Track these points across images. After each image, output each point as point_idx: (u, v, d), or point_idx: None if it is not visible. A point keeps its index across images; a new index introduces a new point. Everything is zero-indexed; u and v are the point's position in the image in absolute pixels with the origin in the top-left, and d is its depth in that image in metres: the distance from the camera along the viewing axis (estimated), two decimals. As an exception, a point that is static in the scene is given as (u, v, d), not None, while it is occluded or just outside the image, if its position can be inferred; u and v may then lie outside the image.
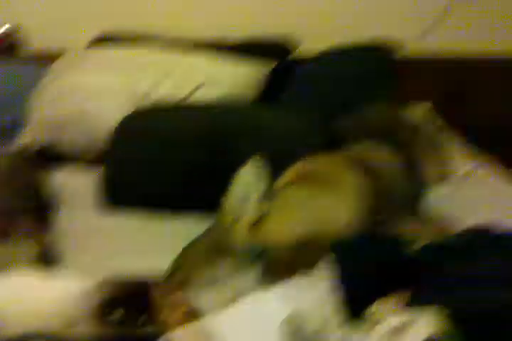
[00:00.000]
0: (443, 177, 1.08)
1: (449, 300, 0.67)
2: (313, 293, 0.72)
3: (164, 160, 1.18)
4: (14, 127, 1.49)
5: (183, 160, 1.17)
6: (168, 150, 1.18)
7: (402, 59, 1.59)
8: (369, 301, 0.71)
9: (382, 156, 1.04)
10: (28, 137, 1.45)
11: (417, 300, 0.69)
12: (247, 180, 0.87)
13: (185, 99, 1.42)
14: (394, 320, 0.65)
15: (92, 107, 1.41)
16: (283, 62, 1.61)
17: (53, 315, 0.69)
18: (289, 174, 0.98)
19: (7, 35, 1.72)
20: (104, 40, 1.70)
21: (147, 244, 1.02)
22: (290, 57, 1.66)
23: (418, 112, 1.12)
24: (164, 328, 0.68)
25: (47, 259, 0.93)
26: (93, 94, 1.43)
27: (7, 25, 1.73)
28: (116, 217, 1.15)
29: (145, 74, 1.46)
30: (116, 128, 1.25)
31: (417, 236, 0.91)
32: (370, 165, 1.00)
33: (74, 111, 1.41)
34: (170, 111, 1.28)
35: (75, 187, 1.24)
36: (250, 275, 0.84)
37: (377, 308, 0.70)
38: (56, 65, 1.57)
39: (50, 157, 1.39)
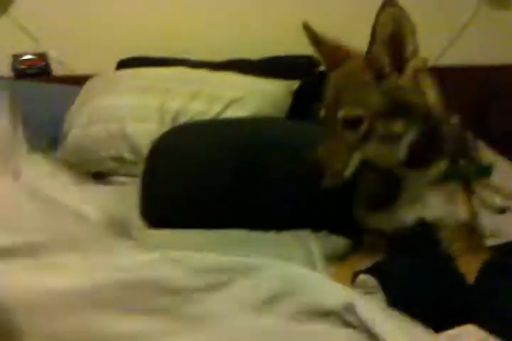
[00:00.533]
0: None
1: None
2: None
3: (199, 177, 1.15)
4: (49, 148, 1.52)
5: (218, 176, 1.14)
6: (203, 167, 1.16)
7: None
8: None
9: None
10: (62, 157, 1.47)
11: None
12: None
13: (217, 116, 1.45)
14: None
15: (127, 127, 1.44)
16: (309, 78, 1.64)
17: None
18: None
19: (40, 58, 1.78)
20: (130, 63, 1.75)
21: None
22: (316, 72, 1.69)
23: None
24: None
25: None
26: (126, 114, 1.46)
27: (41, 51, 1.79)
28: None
29: (176, 92, 1.49)
30: (151, 147, 1.26)
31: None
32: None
33: (111, 131, 1.44)
34: (204, 127, 1.29)
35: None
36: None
37: None
38: (87, 87, 1.61)
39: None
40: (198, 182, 1.11)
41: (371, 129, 0.82)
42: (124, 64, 1.77)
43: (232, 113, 1.46)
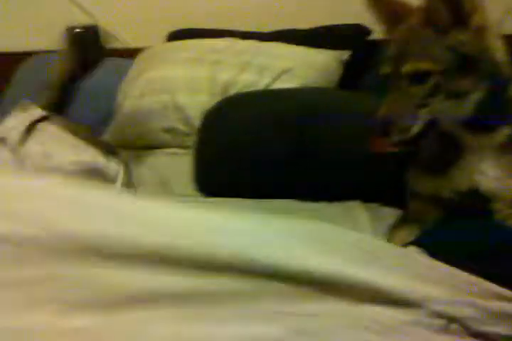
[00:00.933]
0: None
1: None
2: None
3: (253, 148, 1.17)
4: (102, 121, 1.57)
5: (272, 147, 1.15)
6: (257, 138, 1.17)
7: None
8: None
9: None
10: (116, 129, 1.52)
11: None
12: None
13: (266, 87, 1.45)
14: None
15: (179, 98, 1.46)
16: (360, 47, 1.60)
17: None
18: None
19: (91, 31, 1.81)
20: (180, 35, 1.76)
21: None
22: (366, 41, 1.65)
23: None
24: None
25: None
26: (178, 86, 1.48)
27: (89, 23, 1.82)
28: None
29: (226, 64, 1.49)
30: (203, 118, 1.28)
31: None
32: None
33: (163, 102, 1.46)
34: (256, 98, 1.29)
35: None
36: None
37: None
38: (139, 59, 1.64)
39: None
40: (251, 153, 1.13)
41: (438, 85, 0.80)
42: (174, 36, 1.77)
43: (281, 84, 1.44)
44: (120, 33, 1.88)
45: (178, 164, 1.39)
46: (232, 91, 1.43)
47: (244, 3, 1.89)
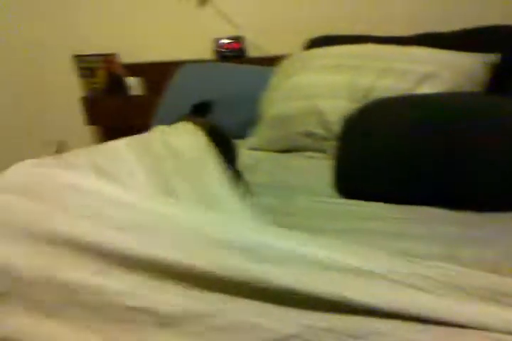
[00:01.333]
0: None
1: None
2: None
3: (399, 154, 1.13)
4: (244, 125, 1.68)
5: (421, 153, 1.10)
6: (404, 143, 1.13)
7: None
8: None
9: None
10: (260, 133, 1.62)
11: None
12: None
13: (408, 92, 1.43)
14: None
15: (319, 103, 1.51)
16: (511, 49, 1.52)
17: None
18: None
19: (237, 42, 1.95)
20: (319, 42, 1.82)
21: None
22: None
23: None
24: None
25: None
26: (319, 92, 1.52)
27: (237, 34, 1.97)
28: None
29: (366, 69, 1.50)
30: (346, 123, 1.30)
31: None
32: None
33: (304, 108, 1.53)
34: (397, 102, 1.28)
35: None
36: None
37: None
38: (282, 67, 1.73)
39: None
40: (397, 158, 1.11)
41: None
42: (313, 43, 1.83)
43: (424, 89, 1.41)
44: (262, 42, 2.01)
45: (315, 167, 1.45)
46: (373, 97, 1.43)
47: (384, 8, 1.89)
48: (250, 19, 2.00)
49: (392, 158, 1.12)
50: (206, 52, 1.98)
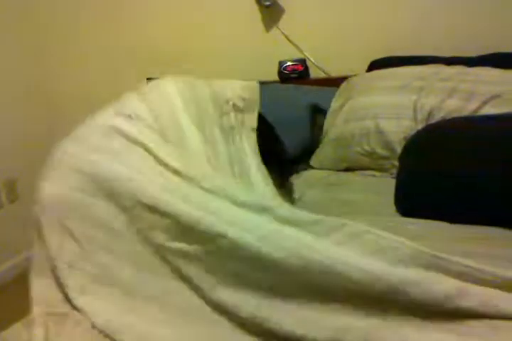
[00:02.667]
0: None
1: None
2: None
3: (459, 172, 1.14)
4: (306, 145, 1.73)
5: (489, 174, 1.09)
6: (471, 164, 1.13)
7: None
8: None
9: None
10: (321, 153, 1.66)
11: None
12: None
13: (473, 113, 1.42)
14: None
15: (381, 123, 1.53)
16: None
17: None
18: None
19: (300, 64, 2.01)
20: (382, 63, 1.84)
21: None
22: None
23: None
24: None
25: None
26: (382, 112, 1.55)
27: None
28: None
29: (431, 90, 1.51)
30: (410, 142, 1.31)
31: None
32: None
33: (367, 127, 1.55)
34: (466, 123, 1.27)
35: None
36: None
37: None
38: (344, 88, 1.76)
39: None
40: (467, 179, 1.11)
41: None
42: (375, 64, 1.86)
43: (490, 109, 1.40)
44: (325, 64, 2.06)
45: (375, 185, 1.46)
46: (437, 117, 1.44)
47: (448, 29, 1.89)
48: (313, 42, 2.06)
49: (461, 179, 1.12)
50: (272, 75, 2.05)
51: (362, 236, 0.78)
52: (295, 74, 2.01)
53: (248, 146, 1.17)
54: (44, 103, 2.49)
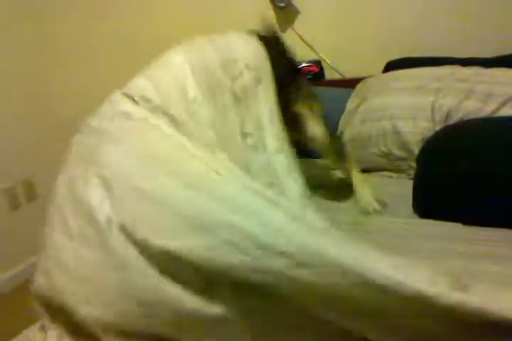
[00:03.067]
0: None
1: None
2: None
3: (478, 174, 1.13)
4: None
5: (499, 173, 1.10)
6: (482, 164, 1.14)
7: None
8: None
9: None
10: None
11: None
12: None
13: (491, 114, 1.41)
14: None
15: (398, 124, 1.53)
16: None
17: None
18: None
19: (316, 65, 2.02)
20: (398, 64, 1.84)
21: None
22: None
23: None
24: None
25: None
26: (399, 113, 1.55)
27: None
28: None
29: (448, 91, 1.51)
30: (428, 143, 1.30)
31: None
32: None
33: (383, 128, 1.56)
34: (485, 124, 1.27)
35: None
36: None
37: None
38: (361, 89, 1.77)
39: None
40: (488, 181, 1.10)
41: None
42: (392, 65, 1.86)
43: (509, 111, 1.39)
44: (340, 65, 2.06)
45: (392, 186, 1.46)
46: (455, 118, 1.44)
47: (465, 30, 1.88)
48: (328, 43, 2.06)
49: (479, 180, 1.12)
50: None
51: None
52: (310, 76, 2.02)
53: (265, 106, 1.10)
54: (59, 103, 2.52)
